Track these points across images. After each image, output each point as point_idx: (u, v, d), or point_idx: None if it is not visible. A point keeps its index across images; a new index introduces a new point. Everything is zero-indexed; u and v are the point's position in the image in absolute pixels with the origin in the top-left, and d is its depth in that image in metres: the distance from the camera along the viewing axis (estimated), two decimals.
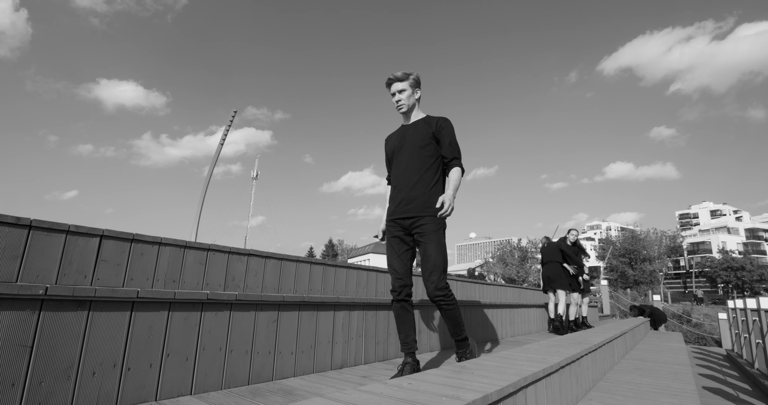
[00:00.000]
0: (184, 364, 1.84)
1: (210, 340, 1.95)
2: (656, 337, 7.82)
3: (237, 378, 2.03)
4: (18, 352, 1.44)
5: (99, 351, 1.61)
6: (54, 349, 1.51)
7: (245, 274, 2.91)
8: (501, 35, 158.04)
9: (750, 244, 59.53)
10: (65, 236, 2.13)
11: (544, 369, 1.94)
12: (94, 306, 1.61)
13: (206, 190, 18.62)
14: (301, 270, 3.37)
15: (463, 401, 1.26)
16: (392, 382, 1.55)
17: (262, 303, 2.18)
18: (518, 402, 1.65)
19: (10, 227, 1.98)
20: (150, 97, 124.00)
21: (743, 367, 6.17)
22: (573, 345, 2.98)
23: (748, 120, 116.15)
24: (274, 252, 3.12)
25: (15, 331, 1.44)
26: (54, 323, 1.52)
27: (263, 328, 2.18)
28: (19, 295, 1.44)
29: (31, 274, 2.03)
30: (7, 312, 1.43)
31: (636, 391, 2.92)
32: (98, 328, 1.62)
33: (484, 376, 1.69)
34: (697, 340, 15.65)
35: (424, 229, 2.38)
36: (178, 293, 1.82)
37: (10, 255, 1.97)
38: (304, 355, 2.37)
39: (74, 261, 2.15)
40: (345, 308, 2.68)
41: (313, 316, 2.46)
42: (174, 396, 1.79)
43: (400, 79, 2.54)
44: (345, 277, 3.77)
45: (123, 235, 2.30)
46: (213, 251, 2.72)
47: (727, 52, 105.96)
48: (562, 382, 2.26)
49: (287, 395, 1.91)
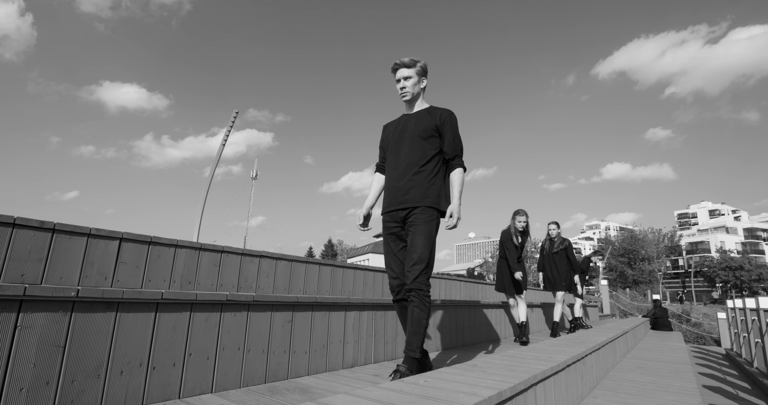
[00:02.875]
0: (205, 363, 1.90)
1: (229, 340, 2.01)
2: (656, 337, 7.90)
3: (254, 376, 2.09)
4: (51, 351, 1.51)
5: (126, 350, 1.67)
6: (85, 348, 1.57)
7: (257, 276, 2.98)
8: (500, 34, 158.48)
9: (748, 244, 59.71)
10: (86, 239, 2.20)
11: (552, 367, 2.00)
12: (121, 307, 1.67)
13: (208, 190, 18.67)
14: (311, 271, 3.43)
15: (479, 397, 1.33)
16: (409, 379, 1.61)
17: (277, 303, 2.24)
18: (529, 399, 1.71)
19: (34, 230, 2.04)
20: (152, 100, 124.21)
21: (742, 366, 6.24)
22: (577, 344, 3.05)
23: (742, 122, 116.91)
24: (284, 253, 3.19)
25: (49, 331, 1.51)
26: (85, 324, 1.58)
27: (279, 328, 2.25)
28: (53, 297, 1.50)
29: (55, 276, 2.10)
30: (42, 313, 1.50)
31: (639, 389, 2.99)
32: (125, 328, 1.68)
33: (496, 374, 1.76)
34: (696, 340, 15.74)
35: (416, 218, 2.27)
36: (200, 295, 1.89)
37: (35, 258, 2.03)
38: (317, 354, 2.44)
39: (95, 263, 2.22)
40: (355, 308, 2.75)
41: (326, 316, 2.53)
42: (196, 394, 1.85)
43: (407, 65, 2.42)
44: (352, 278, 3.84)
45: (141, 238, 2.37)
46: (227, 253, 2.78)
47: (719, 55, 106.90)
48: (569, 380, 2.33)
49: (304, 393, 1.97)
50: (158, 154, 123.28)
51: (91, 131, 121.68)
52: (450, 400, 1.29)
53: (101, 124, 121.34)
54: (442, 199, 2.36)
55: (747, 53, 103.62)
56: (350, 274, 3.80)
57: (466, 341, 4.24)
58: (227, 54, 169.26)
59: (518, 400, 1.60)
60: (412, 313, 2.16)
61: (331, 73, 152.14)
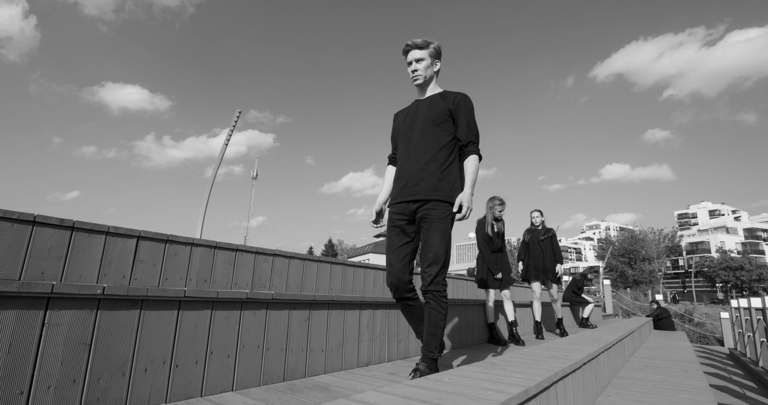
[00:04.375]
0: (225, 361, 1.91)
1: (249, 338, 2.01)
2: (661, 337, 7.90)
3: (273, 375, 2.10)
4: (78, 349, 1.51)
5: (150, 348, 1.68)
6: (110, 346, 1.58)
7: (270, 274, 2.98)
8: (500, 34, 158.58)
9: (748, 244, 59.76)
10: (105, 237, 2.20)
11: (571, 365, 2.01)
12: (145, 305, 1.67)
13: (211, 190, 18.67)
14: (323, 270, 3.44)
15: (507, 394, 1.34)
16: (433, 377, 1.62)
17: (295, 302, 2.25)
18: (551, 396, 1.72)
19: (54, 229, 2.04)
20: (155, 101, 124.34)
21: (747, 365, 6.25)
22: (589, 343, 3.05)
23: (739, 123, 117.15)
24: (296, 252, 3.19)
25: (75, 329, 1.51)
26: (110, 322, 1.59)
27: (296, 326, 2.25)
28: (79, 294, 1.51)
29: (74, 275, 2.10)
30: (68, 311, 1.50)
31: (651, 388, 3.00)
32: (149, 326, 1.68)
33: (517, 372, 1.76)
34: (699, 339, 15.75)
35: (429, 214, 2.12)
36: (221, 292, 1.89)
37: (55, 256, 2.04)
38: (333, 352, 2.44)
39: (114, 261, 2.22)
40: (370, 307, 2.75)
41: (341, 315, 2.53)
42: (218, 392, 1.86)
43: (420, 46, 2.27)
44: (363, 277, 3.84)
45: (158, 236, 2.37)
46: (241, 252, 2.78)
47: (716, 58, 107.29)
48: (585, 379, 2.34)
49: (324, 391, 1.98)
50: (159, 154, 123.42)
51: (93, 132, 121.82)
52: (480, 397, 1.29)
53: (103, 124, 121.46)
54: (457, 192, 2.18)
55: (744, 55, 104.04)
56: (361, 273, 3.81)
57: (476, 340, 4.25)
58: (228, 53, 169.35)
59: (542, 397, 1.60)
60: (429, 315, 2.11)
61: (331, 73, 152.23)
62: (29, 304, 1.43)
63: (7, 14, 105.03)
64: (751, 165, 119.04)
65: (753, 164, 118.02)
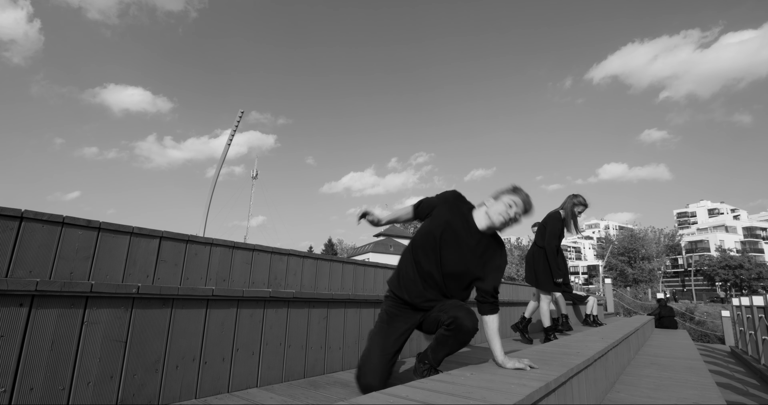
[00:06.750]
0: (250, 357, 1.97)
1: (272, 336, 2.07)
2: (663, 335, 7.98)
3: (294, 371, 2.16)
4: (115, 346, 1.57)
5: (180, 345, 1.73)
6: (144, 344, 1.64)
7: (285, 273, 3.04)
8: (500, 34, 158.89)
9: (748, 243, 59.94)
10: (129, 237, 2.25)
11: (584, 361, 2.07)
12: (176, 303, 1.73)
13: (213, 190, 18.73)
14: (334, 269, 3.50)
15: (530, 388, 1.40)
16: (455, 372, 1.68)
17: (314, 300, 2.30)
18: (567, 391, 1.78)
19: (81, 229, 2.09)
20: (157, 102, 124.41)
21: (749, 363, 6.33)
22: (598, 340, 3.12)
23: (735, 124, 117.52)
24: (309, 252, 3.25)
25: (112, 327, 1.57)
26: (144, 320, 1.64)
27: (315, 324, 2.31)
28: (116, 293, 1.56)
29: (101, 274, 2.15)
30: (106, 309, 1.56)
31: (658, 384, 3.06)
32: (179, 324, 1.74)
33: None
34: (700, 338, 15.85)
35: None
36: (246, 291, 1.95)
37: (83, 256, 2.09)
38: (349, 350, 2.50)
39: (138, 261, 2.27)
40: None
41: (357, 313, 2.59)
42: (243, 388, 1.92)
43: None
44: (373, 276, 3.90)
45: (180, 236, 2.43)
46: (257, 251, 2.84)
47: (710, 59, 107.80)
48: (596, 374, 2.40)
49: (345, 387, 2.04)
50: (160, 155, 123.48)
51: (94, 133, 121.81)
52: (504, 390, 1.36)
53: (105, 126, 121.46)
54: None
55: (738, 57, 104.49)
56: (371, 272, 3.87)
57: (483, 339, 4.31)
58: (229, 53, 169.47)
59: (559, 391, 1.66)
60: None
61: (331, 73, 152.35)
62: (69, 303, 1.48)
63: (11, 18, 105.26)
64: (748, 164, 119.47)
65: (750, 164, 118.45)
